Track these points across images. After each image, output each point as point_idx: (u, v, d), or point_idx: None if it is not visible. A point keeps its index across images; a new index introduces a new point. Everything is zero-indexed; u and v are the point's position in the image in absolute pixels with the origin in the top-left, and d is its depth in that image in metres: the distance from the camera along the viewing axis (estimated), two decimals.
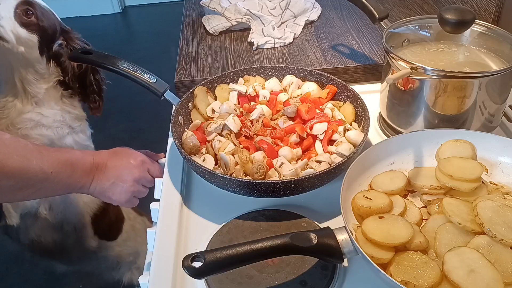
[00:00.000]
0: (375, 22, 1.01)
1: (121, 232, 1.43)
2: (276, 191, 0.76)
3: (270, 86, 0.98)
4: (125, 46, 3.67)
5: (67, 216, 1.26)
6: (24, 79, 1.08)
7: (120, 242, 1.43)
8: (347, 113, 0.92)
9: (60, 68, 1.11)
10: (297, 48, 1.22)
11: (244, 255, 0.59)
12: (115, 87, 1.25)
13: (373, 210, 0.69)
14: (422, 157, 0.80)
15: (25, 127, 1.10)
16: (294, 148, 0.85)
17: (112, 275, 1.52)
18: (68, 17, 3.93)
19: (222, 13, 1.29)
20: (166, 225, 0.79)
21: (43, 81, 1.10)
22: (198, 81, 0.99)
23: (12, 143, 0.77)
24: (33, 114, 1.11)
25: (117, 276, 1.52)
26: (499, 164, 0.78)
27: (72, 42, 1.11)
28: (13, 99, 1.10)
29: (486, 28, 0.92)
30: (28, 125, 1.10)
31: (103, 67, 0.98)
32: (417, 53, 0.93)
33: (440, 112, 0.86)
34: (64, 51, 1.10)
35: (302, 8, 1.35)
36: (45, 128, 1.12)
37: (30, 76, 1.08)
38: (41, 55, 1.07)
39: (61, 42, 1.09)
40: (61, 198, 1.22)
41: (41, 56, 1.07)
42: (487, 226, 0.62)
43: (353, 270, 0.71)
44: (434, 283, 0.58)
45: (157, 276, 0.71)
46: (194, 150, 0.86)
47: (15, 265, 2.05)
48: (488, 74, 0.82)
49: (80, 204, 1.27)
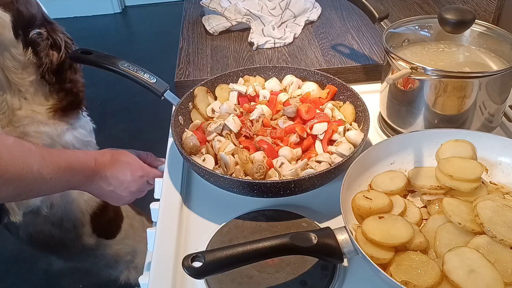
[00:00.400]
0: (375, 22, 1.01)
1: (120, 230, 1.43)
2: (276, 191, 0.76)
3: (270, 86, 0.98)
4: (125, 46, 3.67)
5: (67, 214, 1.26)
6: (4, 66, 1.06)
7: (119, 241, 1.43)
8: (347, 113, 0.92)
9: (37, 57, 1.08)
10: (297, 48, 1.22)
11: (244, 255, 0.59)
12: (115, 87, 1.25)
13: (373, 210, 0.69)
14: (422, 157, 0.80)
15: (22, 124, 1.09)
16: (294, 148, 0.85)
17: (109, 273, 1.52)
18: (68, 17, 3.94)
19: (222, 13, 1.29)
20: (166, 225, 0.80)
21: (24, 72, 1.08)
22: (198, 81, 0.99)
23: (16, 147, 0.77)
24: (26, 111, 1.10)
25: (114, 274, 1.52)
26: (499, 164, 0.78)
27: (55, 34, 1.09)
28: (3, 93, 1.09)
29: (486, 28, 0.92)
30: (24, 122, 1.10)
31: (103, 67, 0.98)
32: (417, 53, 0.93)
33: (440, 112, 0.86)
34: (43, 42, 1.07)
35: (302, 8, 1.35)
36: (42, 125, 1.11)
37: (8, 62, 1.05)
38: (16, 38, 1.04)
39: (41, 31, 1.07)
40: (63, 196, 1.22)
41: (17, 40, 1.04)
42: (487, 226, 0.62)
43: (353, 270, 0.71)
44: (434, 283, 0.58)
45: (157, 276, 0.71)
46: (194, 150, 0.86)
47: (15, 265, 2.05)
48: (488, 74, 0.82)
49: (81, 202, 1.27)
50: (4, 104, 1.09)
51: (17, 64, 1.06)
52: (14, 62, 1.06)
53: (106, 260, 1.45)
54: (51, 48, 1.09)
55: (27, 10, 1.03)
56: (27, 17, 1.04)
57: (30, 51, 1.06)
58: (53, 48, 1.09)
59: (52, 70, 1.10)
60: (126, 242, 1.45)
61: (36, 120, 1.11)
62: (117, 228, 1.43)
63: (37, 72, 1.09)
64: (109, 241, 1.41)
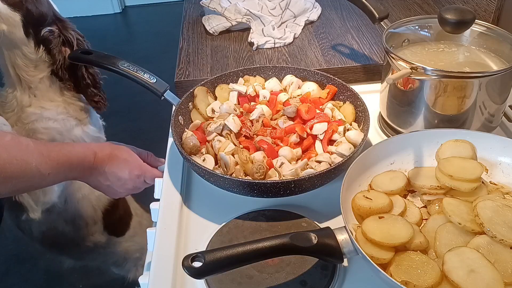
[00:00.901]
0: (375, 22, 1.01)
1: (129, 228, 1.44)
2: (276, 191, 0.76)
3: (270, 86, 0.98)
4: (125, 46, 3.67)
5: (80, 211, 1.26)
6: (15, 64, 1.07)
7: (128, 238, 1.43)
8: (347, 113, 0.92)
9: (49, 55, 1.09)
10: (297, 48, 1.22)
11: (244, 255, 0.59)
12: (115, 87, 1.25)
13: (373, 210, 0.69)
14: (422, 157, 0.80)
15: (30, 121, 1.10)
16: (294, 148, 0.85)
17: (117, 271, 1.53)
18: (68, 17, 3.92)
19: (222, 13, 1.29)
20: (166, 225, 0.80)
21: (35, 69, 1.09)
22: (198, 81, 0.99)
23: (13, 146, 0.77)
24: (35, 108, 1.11)
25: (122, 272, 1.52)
26: (499, 164, 0.78)
27: (66, 31, 1.10)
28: (13, 90, 1.10)
29: (486, 28, 0.92)
30: (33, 118, 1.10)
31: (103, 67, 0.98)
32: (417, 53, 0.93)
33: (440, 112, 0.86)
34: (55, 39, 1.08)
35: (302, 8, 1.35)
36: (52, 121, 1.12)
37: (19, 60, 1.06)
38: (27, 37, 1.05)
39: (52, 29, 1.08)
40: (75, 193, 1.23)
41: (28, 38, 1.05)
42: (487, 226, 0.62)
43: (353, 270, 0.71)
44: (434, 283, 0.58)
45: (157, 276, 0.72)
46: (194, 150, 0.86)
47: (15, 265, 2.06)
48: (488, 74, 0.82)
49: (92, 198, 1.28)
50: (14, 101, 1.10)
51: (28, 62, 1.07)
52: (25, 60, 1.07)
53: (116, 258, 1.46)
54: (63, 45, 1.10)
55: (36, 8, 1.04)
56: (37, 15, 1.05)
57: (42, 49, 1.08)
58: (66, 45, 1.10)
59: (65, 66, 1.11)
60: (135, 239, 1.45)
61: (45, 116, 1.11)
62: (126, 225, 1.44)
63: (49, 69, 1.10)
64: (118, 239, 1.42)
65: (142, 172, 1.00)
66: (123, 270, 1.51)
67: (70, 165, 0.87)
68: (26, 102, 1.10)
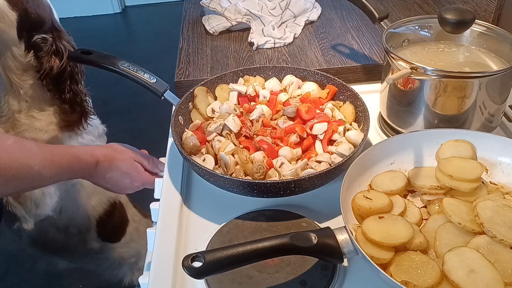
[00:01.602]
0: (375, 22, 1.01)
1: (125, 234, 1.43)
2: (276, 191, 0.76)
3: (270, 86, 0.98)
4: (125, 46, 3.66)
5: (74, 219, 1.26)
6: (6, 65, 1.05)
7: (123, 244, 1.43)
8: (347, 113, 0.92)
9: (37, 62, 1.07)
10: (297, 48, 1.22)
11: (244, 255, 0.59)
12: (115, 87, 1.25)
13: (373, 210, 0.69)
14: (422, 157, 0.80)
15: (21, 130, 1.09)
16: (294, 148, 0.85)
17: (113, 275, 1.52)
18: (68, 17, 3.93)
19: (222, 13, 1.29)
20: (166, 225, 0.80)
21: (24, 73, 1.07)
22: (198, 81, 0.99)
23: (16, 149, 0.77)
24: (26, 116, 1.09)
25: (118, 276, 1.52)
26: (499, 164, 0.78)
27: (60, 42, 1.08)
28: (5, 95, 1.08)
29: (486, 28, 0.92)
30: (23, 128, 1.09)
31: (103, 67, 0.98)
32: (417, 53, 0.93)
33: (440, 112, 0.86)
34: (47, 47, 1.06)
35: (302, 8, 1.35)
36: (42, 132, 1.10)
37: (10, 62, 1.04)
38: (20, 38, 1.02)
39: (46, 37, 1.05)
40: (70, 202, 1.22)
41: (19, 40, 1.03)
42: (487, 226, 0.62)
43: (353, 270, 0.71)
44: (434, 283, 0.58)
45: (157, 276, 0.72)
46: (194, 150, 0.86)
47: (15, 265, 2.06)
48: (488, 74, 0.82)
49: (88, 207, 1.27)
50: (6, 105, 1.08)
51: (18, 64, 1.05)
52: (15, 62, 1.05)
53: (110, 263, 1.45)
54: (54, 54, 1.07)
55: (36, 11, 1.02)
56: (35, 18, 1.03)
57: (31, 54, 1.05)
58: (56, 55, 1.08)
59: (51, 76, 1.08)
60: (130, 245, 1.44)
61: (35, 127, 1.10)
62: (122, 231, 1.43)
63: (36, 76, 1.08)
64: (113, 245, 1.41)
65: (142, 183, 1.04)
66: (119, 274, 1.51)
67: (72, 171, 0.89)
68: (16, 107, 1.08)
